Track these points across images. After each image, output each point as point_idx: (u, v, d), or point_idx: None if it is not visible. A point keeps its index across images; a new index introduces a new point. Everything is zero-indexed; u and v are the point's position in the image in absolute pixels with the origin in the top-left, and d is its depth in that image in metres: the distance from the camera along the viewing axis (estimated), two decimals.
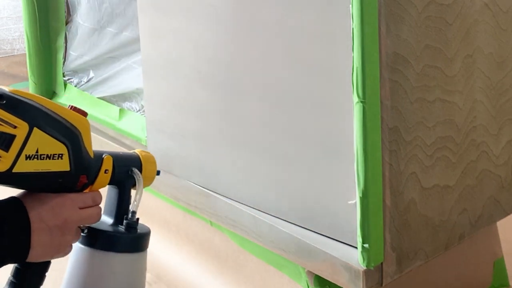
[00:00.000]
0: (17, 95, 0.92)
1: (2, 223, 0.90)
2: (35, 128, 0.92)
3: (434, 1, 1.23)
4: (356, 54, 1.13)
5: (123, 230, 1.06)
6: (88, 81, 2.05)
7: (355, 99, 1.14)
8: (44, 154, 0.93)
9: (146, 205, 1.90)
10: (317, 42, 1.22)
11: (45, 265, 0.99)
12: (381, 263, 1.22)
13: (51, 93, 2.21)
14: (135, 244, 1.07)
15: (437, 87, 1.27)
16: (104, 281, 1.05)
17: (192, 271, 1.73)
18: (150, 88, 1.64)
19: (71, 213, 0.97)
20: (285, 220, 1.36)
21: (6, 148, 0.89)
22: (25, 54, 2.20)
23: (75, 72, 2.11)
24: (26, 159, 0.91)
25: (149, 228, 1.10)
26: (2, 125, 0.89)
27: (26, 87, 2.25)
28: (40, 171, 0.93)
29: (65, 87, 2.16)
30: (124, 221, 1.06)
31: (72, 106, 1.00)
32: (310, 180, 1.29)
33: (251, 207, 1.42)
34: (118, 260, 1.06)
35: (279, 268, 1.49)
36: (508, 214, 1.53)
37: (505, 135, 1.46)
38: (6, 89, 0.92)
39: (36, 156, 0.92)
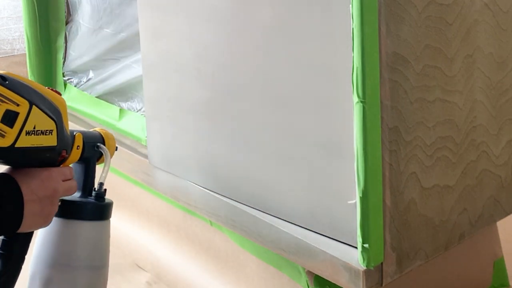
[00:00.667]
0: (11, 77, 0.99)
1: None
2: (33, 106, 1.00)
3: (434, 1, 1.23)
4: (356, 54, 1.13)
5: (92, 200, 1.18)
6: (87, 81, 2.05)
7: (355, 99, 1.14)
8: (40, 130, 1.02)
9: (146, 205, 1.90)
10: (317, 42, 1.22)
11: (30, 236, 1.08)
12: (381, 263, 1.22)
13: None
14: (103, 213, 1.19)
15: (437, 87, 1.27)
16: (75, 248, 1.16)
17: (192, 271, 1.73)
18: (150, 88, 1.64)
19: (58, 185, 1.06)
20: (285, 220, 1.36)
21: (11, 125, 0.96)
22: (25, 54, 2.20)
23: (75, 72, 2.11)
24: (26, 134, 0.99)
25: (112, 200, 1.22)
26: (8, 103, 0.96)
27: None
28: (36, 146, 1.01)
29: (65, 87, 2.16)
30: (94, 192, 1.18)
31: (51, 88, 1.08)
32: (310, 180, 1.29)
33: (251, 207, 1.42)
34: (88, 227, 1.17)
35: (279, 268, 1.49)
36: (508, 214, 1.53)
37: (505, 135, 1.46)
38: (2, 72, 0.99)
39: (33, 132, 1.00)
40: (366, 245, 1.18)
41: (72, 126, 2.12)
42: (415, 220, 1.27)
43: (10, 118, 0.96)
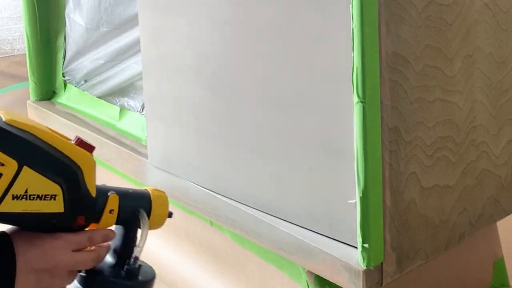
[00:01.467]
0: (10, 125, 0.83)
1: None
2: (24, 167, 0.82)
3: (434, 1, 1.23)
4: (356, 54, 1.13)
5: (123, 275, 0.96)
6: (88, 81, 2.05)
7: (355, 99, 1.14)
8: (35, 195, 0.84)
9: None
10: (317, 42, 1.22)
11: None
12: (381, 263, 1.22)
13: (51, 93, 2.21)
14: None
15: (437, 87, 1.27)
16: None
17: (192, 271, 1.73)
18: (150, 88, 1.64)
19: (63, 257, 0.88)
20: (285, 220, 1.36)
21: None
22: (25, 54, 2.20)
23: (75, 72, 2.11)
24: (13, 199, 0.82)
25: (153, 274, 1.01)
26: None
27: (26, 87, 2.25)
28: (30, 211, 0.84)
29: (65, 87, 2.16)
30: (125, 267, 0.96)
31: (78, 139, 0.89)
32: (310, 180, 1.29)
33: (251, 207, 1.42)
34: None
35: (279, 268, 1.49)
36: (508, 214, 1.53)
37: (505, 135, 1.46)
38: (2, 116, 0.83)
39: (24, 197, 0.83)
40: (366, 245, 1.18)
41: (72, 125, 2.11)
42: (415, 220, 1.27)
43: None
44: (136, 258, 0.96)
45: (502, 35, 1.40)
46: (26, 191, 0.83)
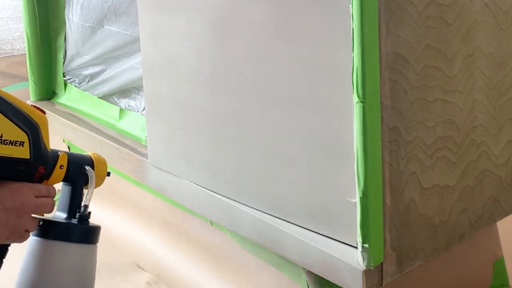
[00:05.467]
0: None
1: None
2: (0, 114, 1.01)
3: (434, 1, 1.23)
4: (356, 54, 1.13)
5: (76, 222, 1.15)
6: (88, 81, 2.05)
7: (355, 99, 1.14)
8: (7, 140, 1.02)
9: (146, 205, 1.90)
10: (317, 42, 1.22)
11: (2, 251, 1.08)
12: (381, 263, 1.22)
13: (51, 93, 2.21)
14: (87, 235, 1.15)
15: (437, 87, 1.27)
16: (57, 271, 1.12)
17: (192, 271, 1.73)
18: (150, 88, 1.64)
19: (28, 198, 1.06)
20: (285, 220, 1.36)
21: None
22: (25, 54, 2.20)
23: (75, 72, 2.12)
24: None
25: (99, 225, 1.18)
26: None
27: (26, 87, 2.25)
28: (3, 155, 1.02)
29: (65, 87, 2.16)
30: (77, 214, 1.14)
31: (32, 105, 1.09)
32: (310, 180, 1.29)
33: (251, 207, 1.42)
34: (71, 250, 1.13)
35: (279, 268, 1.49)
36: (508, 214, 1.53)
37: (505, 135, 1.46)
38: None
39: (0, 141, 1.01)
40: (366, 245, 1.18)
41: (72, 125, 2.13)
42: (415, 220, 1.27)
43: None
44: (86, 206, 1.15)
45: (502, 35, 1.40)
46: (1, 136, 1.01)
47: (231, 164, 1.45)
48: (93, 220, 1.17)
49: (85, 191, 1.17)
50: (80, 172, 1.16)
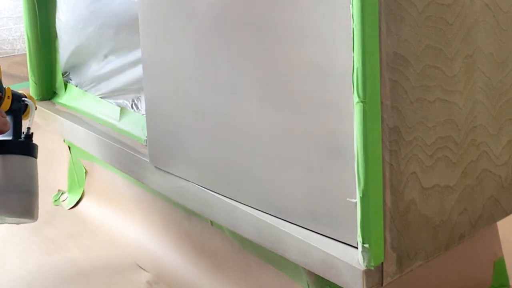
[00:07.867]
0: None
1: None
2: None
3: (434, 1, 1.23)
4: (356, 54, 1.13)
5: (22, 140, 1.50)
6: (88, 80, 2.05)
7: (356, 99, 1.14)
8: None
9: (146, 205, 1.90)
10: (317, 42, 1.22)
11: None
12: (381, 263, 1.22)
13: (52, 93, 2.21)
14: (29, 148, 1.51)
15: (437, 87, 1.27)
16: (9, 176, 1.47)
17: (192, 271, 1.73)
18: (150, 88, 1.64)
19: None
20: (285, 220, 1.36)
21: None
22: (25, 54, 2.20)
23: (75, 72, 2.12)
24: None
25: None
26: None
27: (27, 87, 2.25)
28: None
29: (65, 87, 2.16)
30: (23, 133, 1.51)
31: None
32: (310, 180, 1.29)
33: (251, 207, 1.42)
34: (19, 159, 1.49)
35: (279, 268, 1.49)
36: (508, 214, 1.53)
37: (506, 135, 1.46)
38: None
39: None
40: (366, 245, 1.18)
41: (72, 125, 2.13)
42: (415, 220, 1.27)
43: None
44: (29, 128, 1.53)
45: (502, 35, 1.40)
46: None
47: (231, 164, 1.45)
48: (93, 220, 1.17)
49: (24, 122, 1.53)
50: (20, 104, 1.52)
